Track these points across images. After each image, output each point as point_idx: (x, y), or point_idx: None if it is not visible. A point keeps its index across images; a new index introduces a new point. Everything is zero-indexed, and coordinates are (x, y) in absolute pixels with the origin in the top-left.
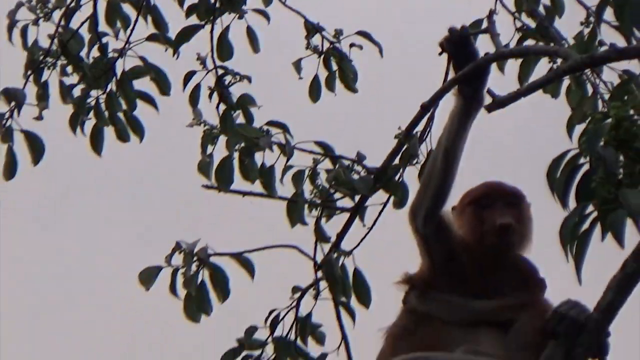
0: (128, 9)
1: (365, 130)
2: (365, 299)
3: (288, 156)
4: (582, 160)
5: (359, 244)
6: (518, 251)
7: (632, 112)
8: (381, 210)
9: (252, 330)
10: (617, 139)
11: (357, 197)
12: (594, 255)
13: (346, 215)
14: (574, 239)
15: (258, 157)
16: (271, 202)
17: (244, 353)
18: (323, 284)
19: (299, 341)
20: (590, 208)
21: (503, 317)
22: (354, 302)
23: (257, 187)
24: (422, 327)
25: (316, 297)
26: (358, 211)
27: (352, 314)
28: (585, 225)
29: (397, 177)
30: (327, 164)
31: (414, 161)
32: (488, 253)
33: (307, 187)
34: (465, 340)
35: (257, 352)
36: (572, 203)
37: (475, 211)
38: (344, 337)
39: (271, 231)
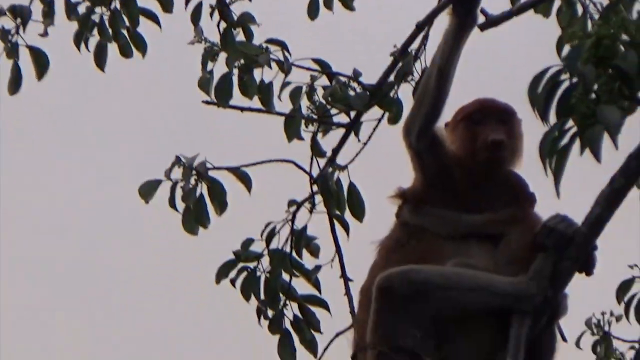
0: None
1: (362, 48)
2: (359, 213)
3: (286, 73)
4: (563, 77)
5: (354, 158)
6: (509, 166)
7: (612, 30)
8: (376, 126)
9: (248, 242)
10: (597, 57)
11: (352, 113)
12: (576, 172)
13: (342, 130)
14: (553, 154)
15: (257, 73)
16: (269, 118)
17: (240, 265)
18: (318, 198)
19: (294, 254)
20: (570, 124)
21: (493, 230)
22: (348, 215)
23: (256, 103)
24: (415, 240)
25: (311, 210)
26: (353, 127)
27: (346, 227)
28: (565, 140)
29: (392, 94)
30: (324, 80)
31: (409, 78)
32: (480, 168)
33: (305, 103)
34: (456, 254)
35: (252, 265)
36: (552, 119)
37: (468, 127)
38: (338, 250)
39: (268, 146)
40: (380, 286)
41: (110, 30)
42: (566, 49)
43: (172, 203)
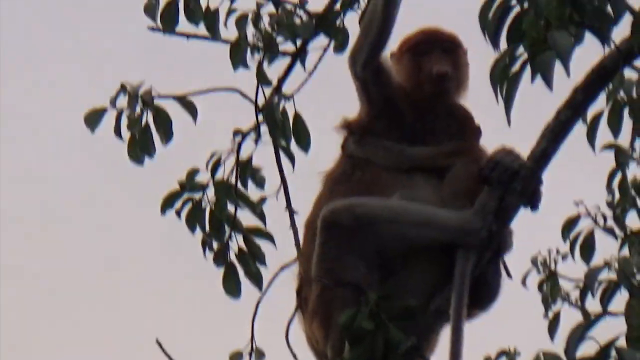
0: None
1: None
2: (304, 144)
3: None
4: (513, 2)
5: (299, 88)
6: (455, 98)
7: None
8: (322, 55)
9: (193, 172)
10: None
11: (299, 42)
12: (526, 104)
13: (288, 59)
14: (504, 80)
15: (203, 0)
16: (214, 45)
17: (184, 195)
18: (264, 128)
19: (239, 184)
20: (521, 50)
21: (439, 163)
22: (293, 146)
23: (201, 30)
24: (360, 172)
25: (257, 141)
26: (299, 55)
27: (291, 158)
28: (516, 67)
29: (338, 22)
30: (270, 8)
31: (355, 6)
32: (425, 100)
33: (250, 30)
34: (401, 186)
35: (198, 195)
36: (503, 45)
37: (412, 59)
38: (283, 181)
39: (215, 75)
40: (325, 219)
41: None
42: None
43: (117, 131)
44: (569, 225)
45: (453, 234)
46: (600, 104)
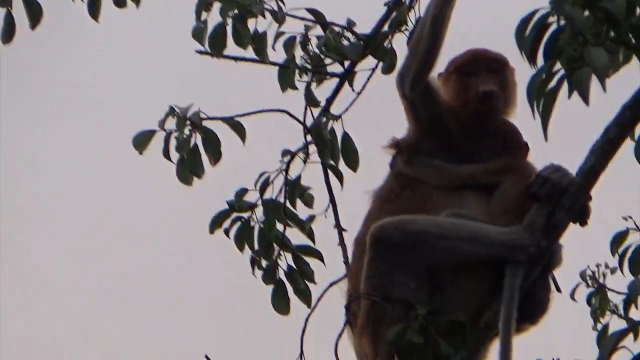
0: None
1: None
2: (353, 163)
3: (280, 23)
4: (550, 20)
5: (347, 108)
6: (502, 116)
7: None
8: (370, 76)
9: (242, 192)
10: None
11: (346, 63)
12: (567, 120)
13: (336, 80)
14: (541, 96)
15: (251, 23)
16: (263, 68)
17: (234, 215)
18: (312, 148)
19: (288, 204)
20: (558, 66)
21: (487, 181)
22: (342, 165)
23: (250, 53)
24: (409, 191)
25: (305, 160)
26: (347, 77)
27: (340, 177)
28: (553, 84)
29: (385, 44)
30: (318, 30)
31: (403, 28)
32: (472, 119)
33: (298, 53)
34: (450, 204)
35: (246, 215)
36: (540, 62)
37: (460, 78)
38: (332, 200)
39: (263, 97)
40: (374, 236)
41: None
42: None
43: (166, 154)
44: (618, 239)
45: (502, 249)
46: None
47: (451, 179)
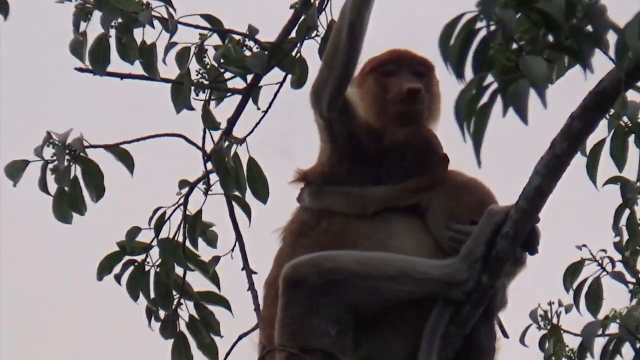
0: None
1: (257, 1)
2: (261, 193)
3: (171, 32)
4: (479, 25)
5: (253, 129)
6: (425, 125)
7: None
8: (277, 91)
9: (134, 231)
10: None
11: (249, 77)
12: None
13: (238, 97)
14: (471, 115)
15: (137, 34)
16: (153, 85)
17: (125, 258)
18: (214, 177)
19: (187, 243)
20: (490, 79)
21: (407, 201)
22: (249, 196)
23: (137, 68)
24: (325, 222)
25: (206, 192)
26: (251, 92)
27: (247, 211)
28: (484, 99)
29: (294, 53)
30: (215, 39)
31: (313, 34)
32: (394, 123)
33: (194, 66)
34: (373, 233)
35: (140, 257)
36: (468, 74)
37: (379, 79)
38: (239, 237)
39: (158, 118)
40: (288, 277)
41: None
42: None
43: (43, 186)
44: (572, 272)
45: (435, 286)
46: (600, 132)
47: (365, 203)
